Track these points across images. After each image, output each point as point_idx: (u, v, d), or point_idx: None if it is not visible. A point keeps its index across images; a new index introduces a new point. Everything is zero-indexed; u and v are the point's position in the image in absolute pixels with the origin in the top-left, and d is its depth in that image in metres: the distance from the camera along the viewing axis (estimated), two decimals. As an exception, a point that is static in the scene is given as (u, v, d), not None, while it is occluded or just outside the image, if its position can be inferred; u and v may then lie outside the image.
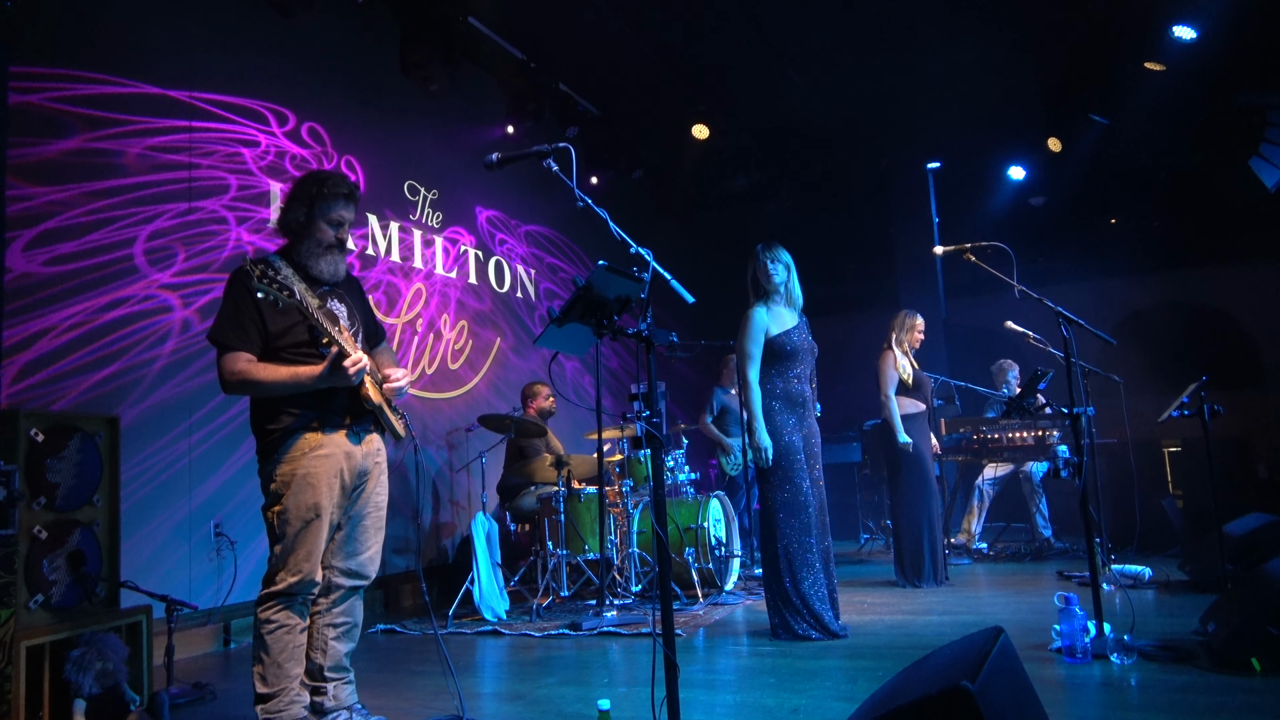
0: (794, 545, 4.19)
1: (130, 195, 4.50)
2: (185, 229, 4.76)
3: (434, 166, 6.87)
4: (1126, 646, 3.42)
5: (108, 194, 4.39)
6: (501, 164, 2.56)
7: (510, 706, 3.32)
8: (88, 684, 3.16)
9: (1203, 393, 4.65)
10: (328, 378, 2.73)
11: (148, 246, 4.55)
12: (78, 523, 3.30)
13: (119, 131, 4.48)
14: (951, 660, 1.97)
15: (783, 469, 4.24)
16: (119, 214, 4.43)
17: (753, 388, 4.31)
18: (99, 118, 4.39)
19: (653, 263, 2.39)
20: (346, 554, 2.95)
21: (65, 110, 4.25)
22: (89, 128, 4.34)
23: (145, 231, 4.55)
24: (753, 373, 4.33)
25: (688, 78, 8.10)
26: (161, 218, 4.64)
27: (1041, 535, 7.13)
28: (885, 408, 5.78)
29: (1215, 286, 10.54)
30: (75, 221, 4.24)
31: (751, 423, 4.27)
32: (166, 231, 4.66)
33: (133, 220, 4.49)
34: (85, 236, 4.26)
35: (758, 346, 4.33)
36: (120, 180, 4.46)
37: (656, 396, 2.32)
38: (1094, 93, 8.08)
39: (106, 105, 4.44)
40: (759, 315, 4.36)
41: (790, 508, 4.22)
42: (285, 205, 2.94)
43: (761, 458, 4.23)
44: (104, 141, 4.41)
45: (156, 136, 4.67)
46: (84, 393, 4.16)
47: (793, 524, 4.21)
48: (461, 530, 6.55)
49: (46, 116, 4.17)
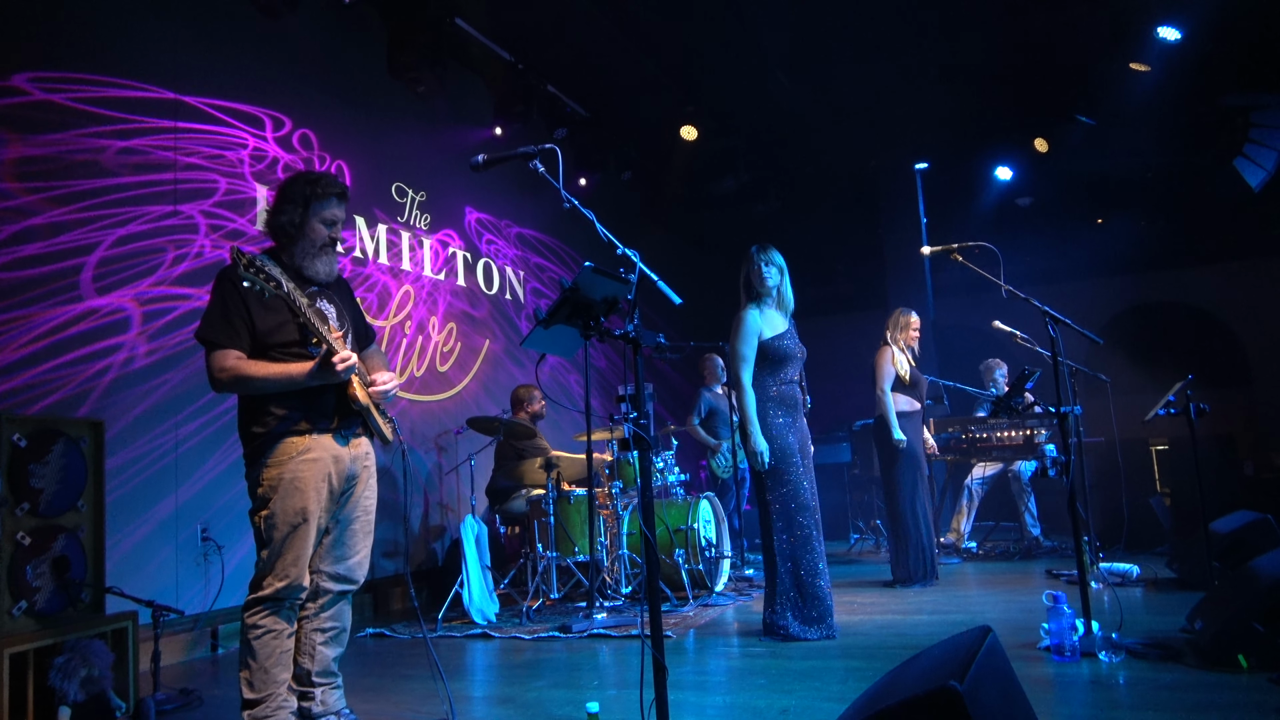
0: (800, 547, 4.18)
1: (113, 196, 4.47)
2: (169, 232, 4.73)
3: (422, 168, 6.85)
4: (1114, 644, 3.44)
5: (90, 194, 4.36)
6: (488, 165, 2.56)
7: (500, 710, 3.31)
8: (73, 691, 3.14)
9: (1189, 391, 4.67)
10: (318, 374, 2.71)
11: (131, 249, 4.52)
12: (62, 528, 3.27)
13: (100, 131, 4.44)
14: (939, 660, 1.97)
15: (782, 471, 4.23)
16: (99, 214, 4.39)
17: (747, 391, 4.28)
18: (80, 116, 4.36)
19: (639, 264, 2.39)
20: (334, 558, 2.93)
21: (44, 108, 4.22)
22: (69, 127, 4.31)
23: (127, 232, 4.51)
24: (746, 375, 4.30)
25: (676, 79, 8.10)
26: (144, 219, 4.60)
27: (1030, 534, 7.15)
28: (880, 403, 5.78)
29: (1201, 286, 10.62)
30: (53, 221, 4.20)
31: (745, 426, 4.25)
32: (149, 234, 4.62)
33: (114, 221, 4.46)
34: (63, 236, 4.22)
35: (751, 349, 4.31)
36: (102, 181, 4.43)
37: (644, 398, 2.32)
38: (1080, 94, 8.13)
39: (87, 105, 4.40)
40: (752, 317, 4.34)
41: (793, 509, 4.21)
42: (275, 207, 2.92)
43: (758, 462, 4.21)
44: (86, 140, 4.38)
45: (139, 138, 4.63)
46: (66, 396, 4.12)
47: (797, 525, 4.20)
48: (451, 533, 6.53)
49: (24, 116, 4.13)
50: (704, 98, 8.43)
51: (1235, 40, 7.15)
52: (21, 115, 4.11)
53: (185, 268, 4.78)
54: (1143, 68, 7.23)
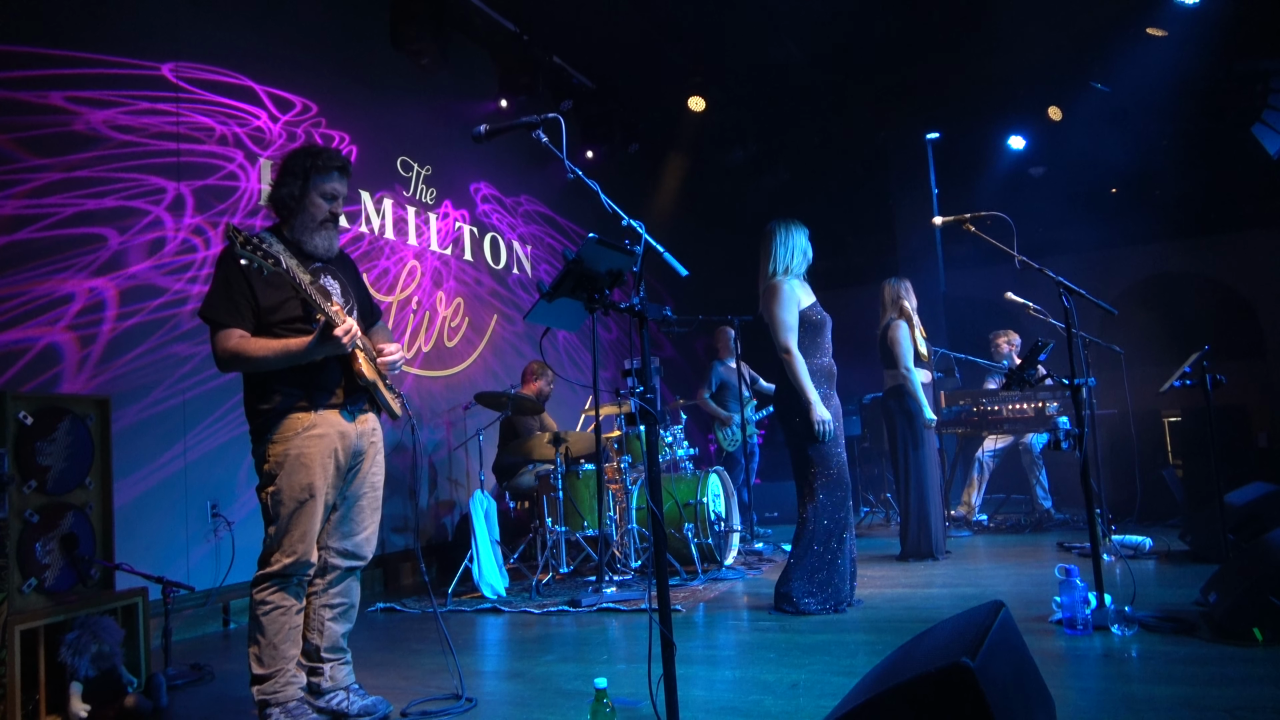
0: (835, 521, 4.16)
1: (113, 171, 4.43)
2: (172, 206, 4.70)
3: (427, 142, 6.79)
4: (1127, 618, 3.41)
5: (86, 164, 4.32)
6: (490, 136, 2.51)
7: (509, 684, 3.31)
8: (84, 667, 3.15)
9: (1205, 362, 4.61)
10: (319, 346, 2.68)
11: (135, 222, 4.49)
12: (70, 506, 3.27)
13: (100, 103, 4.40)
14: (952, 636, 1.94)
15: (825, 445, 4.19)
16: (102, 189, 4.37)
17: (798, 358, 4.16)
18: (80, 94, 4.31)
19: (645, 235, 2.33)
20: (342, 534, 2.92)
21: (45, 82, 4.18)
22: (70, 102, 4.27)
23: (132, 206, 4.48)
24: (794, 341, 4.17)
25: (684, 49, 7.99)
26: (147, 195, 4.57)
27: (1041, 507, 7.12)
28: (907, 380, 5.69)
29: (1215, 256, 10.49)
30: (57, 197, 4.17)
31: (804, 395, 4.13)
32: (153, 207, 4.59)
33: (117, 195, 4.43)
34: (67, 212, 4.20)
35: (794, 316, 4.19)
36: (103, 155, 4.39)
37: (650, 372, 2.28)
38: (1096, 60, 7.98)
39: (88, 81, 4.36)
40: (790, 285, 4.24)
41: (832, 483, 4.18)
42: (277, 180, 2.89)
43: (822, 431, 4.12)
44: (85, 114, 4.34)
45: (142, 117, 4.59)
46: (73, 373, 4.11)
47: (834, 499, 4.17)
48: (460, 508, 6.54)
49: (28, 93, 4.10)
50: (712, 68, 8.31)
51: (1255, 4, 6.99)
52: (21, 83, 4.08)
53: (176, 245, 4.75)
54: (1160, 33, 7.09)
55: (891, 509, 8.16)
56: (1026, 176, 9.95)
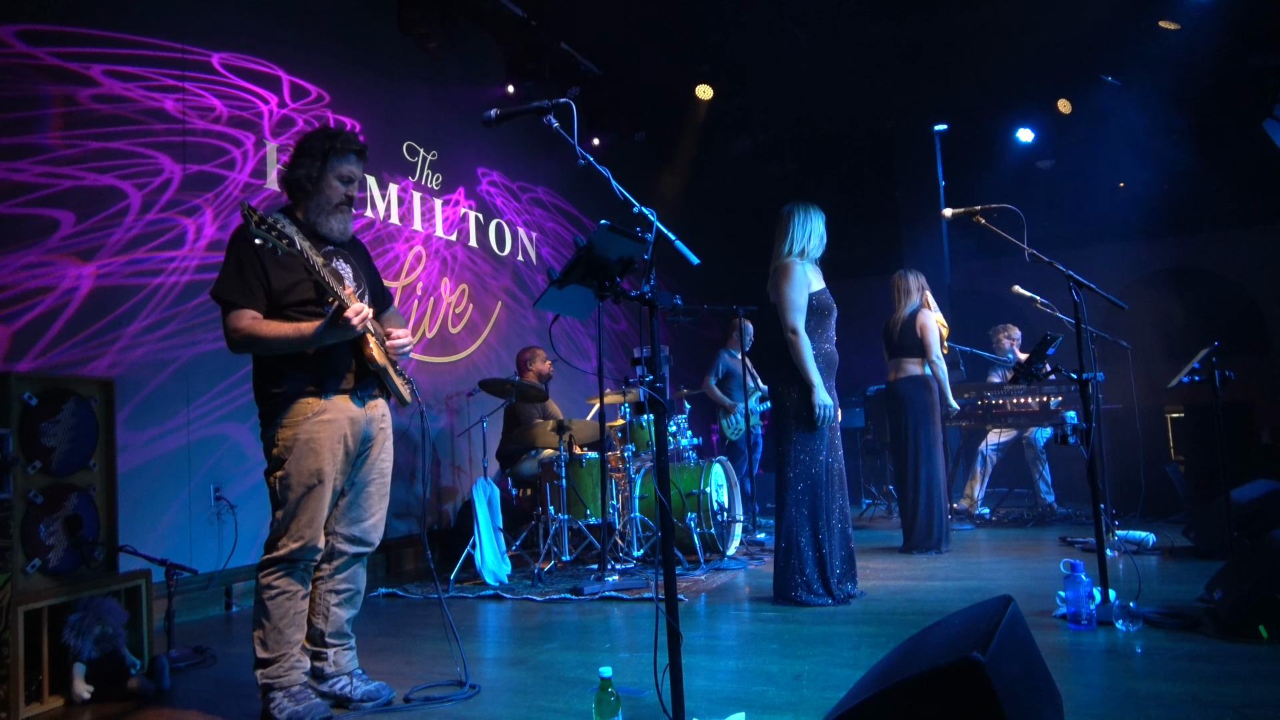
0: (819, 509, 4.15)
1: (122, 154, 4.41)
2: (179, 188, 4.68)
3: (433, 127, 6.75)
4: (1132, 613, 3.40)
5: (97, 156, 4.30)
6: (500, 120, 2.48)
7: (512, 671, 3.31)
8: (87, 648, 3.15)
9: (1214, 358, 4.59)
10: (330, 329, 2.66)
11: (142, 200, 4.47)
12: (74, 487, 3.26)
13: (107, 84, 4.38)
14: (961, 630, 1.93)
15: (819, 432, 4.17)
16: (107, 172, 4.34)
17: (804, 340, 4.12)
18: (87, 74, 4.29)
19: (656, 223, 2.31)
20: (350, 520, 2.92)
21: (54, 63, 4.15)
22: (76, 83, 4.24)
23: (136, 187, 4.46)
24: (802, 322, 4.13)
25: (692, 37, 7.93)
26: (153, 177, 4.55)
27: (1044, 501, 7.12)
28: (935, 369, 5.69)
29: (1221, 251, 10.45)
30: (62, 179, 4.15)
31: (807, 378, 4.09)
32: (159, 190, 4.57)
33: (123, 177, 4.41)
34: (73, 194, 4.18)
35: (804, 297, 4.16)
36: (110, 141, 4.37)
37: (660, 361, 2.27)
38: (1106, 53, 7.92)
39: (95, 60, 4.33)
40: (802, 267, 4.21)
41: (818, 471, 4.17)
42: (292, 161, 2.86)
43: (822, 416, 4.10)
44: (92, 99, 4.31)
45: (151, 96, 4.56)
46: (77, 353, 4.10)
47: (819, 486, 4.16)
48: (463, 495, 6.54)
49: (35, 70, 4.07)
50: (720, 56, 8.26)
51: (1268, -2, 6.94)
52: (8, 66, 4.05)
53: (182, 230, 4.73)
54: (1172, 26, 7.03)
55: (893, 501, 8.16)
56: (1034, 169, 9.89)
